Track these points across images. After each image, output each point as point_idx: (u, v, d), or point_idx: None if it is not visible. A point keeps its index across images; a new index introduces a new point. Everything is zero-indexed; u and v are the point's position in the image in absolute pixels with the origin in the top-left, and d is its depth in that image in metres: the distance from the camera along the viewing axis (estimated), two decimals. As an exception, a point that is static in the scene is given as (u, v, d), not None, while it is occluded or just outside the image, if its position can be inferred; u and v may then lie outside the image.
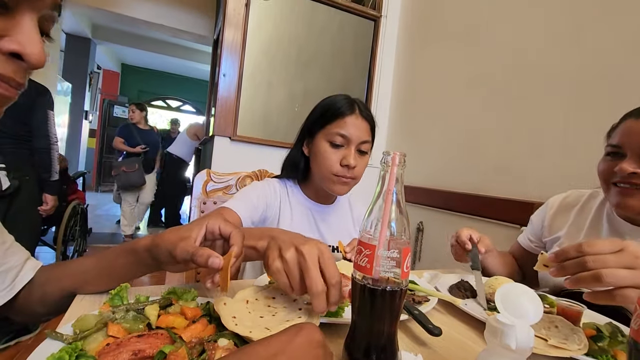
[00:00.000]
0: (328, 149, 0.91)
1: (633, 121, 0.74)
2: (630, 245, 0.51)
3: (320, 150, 0.92)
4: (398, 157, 0.44)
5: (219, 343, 0.41)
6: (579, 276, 0.51)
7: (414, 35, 2.26)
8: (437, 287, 0.75)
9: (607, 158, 0.79)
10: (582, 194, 0.94)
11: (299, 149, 0.99)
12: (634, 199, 0.72)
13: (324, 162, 0.91)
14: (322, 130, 0.93)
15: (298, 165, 1.00)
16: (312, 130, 0.95)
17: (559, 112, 1.33)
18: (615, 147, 0.76)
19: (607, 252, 0.51)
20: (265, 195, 0.95)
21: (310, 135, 0.96)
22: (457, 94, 1.83)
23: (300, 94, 2.18)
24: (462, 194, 1.71)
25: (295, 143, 1.01)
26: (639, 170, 0.70)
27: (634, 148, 0.72)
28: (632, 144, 0.72)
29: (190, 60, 6.84)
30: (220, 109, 1.99)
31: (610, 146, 0.78)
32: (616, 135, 0.77)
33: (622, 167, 0.71)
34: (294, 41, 2.15)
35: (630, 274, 0.49)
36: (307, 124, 0.98)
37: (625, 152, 0.73)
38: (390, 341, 0.45)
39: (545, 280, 0.88)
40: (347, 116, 0.90)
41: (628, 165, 0.71)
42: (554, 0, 1.39)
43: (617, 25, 1.17)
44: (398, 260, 0.43)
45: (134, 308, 0.47)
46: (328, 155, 0.90)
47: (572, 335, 0.53)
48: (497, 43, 1.63)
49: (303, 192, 1.02)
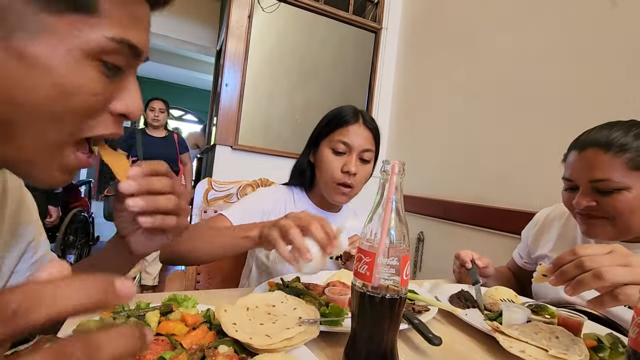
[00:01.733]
0: (330, 156, 0.93)
1: (577, 154, 0.76)
2: (618, 247, 0.54)
3: (323, 157, 0.94)
4: (397, 165, 0.45)
5: (219, 350, 0.42)
6: (580, 279, 0.52)
7: (414, 46, 2.29)
8: (438, 296, 0.75)
9: (565, 191, 0.81)
10: (563, 213, 0.95)
11: (306, 157, 1.02)
12: (598, 228, 0.75)
13: (326, 169, 0.93)
14: (326, 138, 0.95)
15: (304, 173, 1.02)
16: (317, 139, 0.98)
17: (558, 121, 1.34)
18: (568, 180, 0.79)
19: (600, 253, 0.53)
20: (262, 201, 0.97)
21: (316, 144, 0.99)
22: (457, 105, 1.85)
23: (301, 104, 2.20)
24: (462, 204, 1.71)
25: (303, 151, 1.04)
26: (592, 203, 0.73)
27: (583, 182, 0.74)
28: (581, 178, 0.75)
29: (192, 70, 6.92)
30: (222, 118, 2.01)
31: (564, 179, 0.81)
32: (567, 168, 0.80)
33: (578, 201, 0.75)
34: (295, 52, 2.18)
35: (627, 271, 0.50)
36: (314, 132, 1.01)
37: (578, 185, 0.76)
38: (390, 350, 0.45)
39: (543, 295, 0.88)
40: (350, 125, 0.93)
41: (582, 199, 0.74)
42: (553, 12, 1.42)
43: (617, 37, 1.19)
44: (397, 268, 0.43)
45: (135, 314, 0.47)
46: (330, 162, 0.92)
47: (573, 345, 0.53)
48: (496, 54, 1.65)
49: (309, 199, 1.03)
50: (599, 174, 0.71)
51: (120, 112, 0.38)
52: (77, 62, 0.33)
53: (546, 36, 1.43)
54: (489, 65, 1.68)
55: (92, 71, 0.34)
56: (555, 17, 1.40)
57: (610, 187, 0.70)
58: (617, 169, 0.69)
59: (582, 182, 0.75)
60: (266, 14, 2.06)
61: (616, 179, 0.69)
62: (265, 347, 0.43)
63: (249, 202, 0.97)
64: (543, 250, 0.94)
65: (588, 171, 0.73)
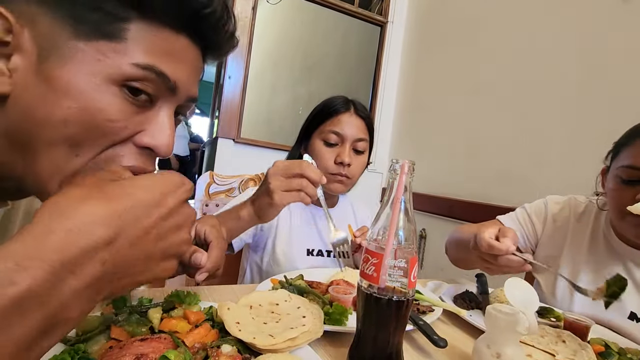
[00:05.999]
0: (323, 148, 0.90)
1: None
2: None
3: (315, 150, 0.91)
4: (407, 165, 0.44)
5: (222, 349, 0.41)
6: None
7: (420, 41, 2.26)
8: (442, 297, 0.74)
9: (621, 185, 0.70)
10: (579, 206, 0.89)
11: (297, 151, 0.99)
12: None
13: (319, 162, 0.89)
14: (317, 130, 0.92)
15: None
16: (308, 131, 0.95)
17: (563, 120, 1.33)
18: (632, 169, 0.67)
19: None
20: None
21: (307, 137, 0.95)
22: (461, 102, 1.83)
23: (304, 97, 2.18)
24: (465, 202, 1.70)
25: (293, 145, 1.01)
26: None
27: None
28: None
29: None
30: (225, 111, 1.99)
31: (624, 168, 0.69)
32: (629, 155, 0.69)
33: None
34: (299, 45, 2.15)
35: None
36: (304, 125, 0.98)
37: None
38: (395, 352, 0.44)
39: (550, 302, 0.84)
40: (341, 114, 0.89)
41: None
42: (558, 10, 1.39)
43: (622, 35, 1.16)
44: (405, 270, 0.42)
45: (137, 311, 0.47)
46: (322, 154, 0.89)
47: (580, 350, 0.52)
48: (502, 51, 1.63)
49: None
50: None
51: (144, 144, 0.37)
52: (98, 86, 0.33)
53: (552, 35, 1.40)
54: (496, 62, 1.65)
55: (112, 96, 0.33)
56: (565, 12, 1.38)
57: None
58: None
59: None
60: (270, 5, 2.03)
61: None
62: (268, 347, 0.42)
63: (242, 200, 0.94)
64: (552, 251, 0.88)
65: None
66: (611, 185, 0.74)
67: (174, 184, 0.32)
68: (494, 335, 0.44)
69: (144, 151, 0.37)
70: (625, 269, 0.77)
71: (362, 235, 0.81)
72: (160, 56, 0.35)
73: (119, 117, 0.34)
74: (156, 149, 0.37)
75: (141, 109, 0.36)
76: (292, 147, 1.02)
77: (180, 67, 0.37)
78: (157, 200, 0.30)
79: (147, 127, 0.37)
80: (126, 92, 0.34)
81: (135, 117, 0.35)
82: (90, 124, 0.33)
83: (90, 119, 0.33)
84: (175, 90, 0.37)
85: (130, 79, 0.34)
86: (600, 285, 0.61)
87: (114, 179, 0.31)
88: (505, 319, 0.43)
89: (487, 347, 0.44)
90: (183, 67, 0.37)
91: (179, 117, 0.44)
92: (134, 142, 0.36)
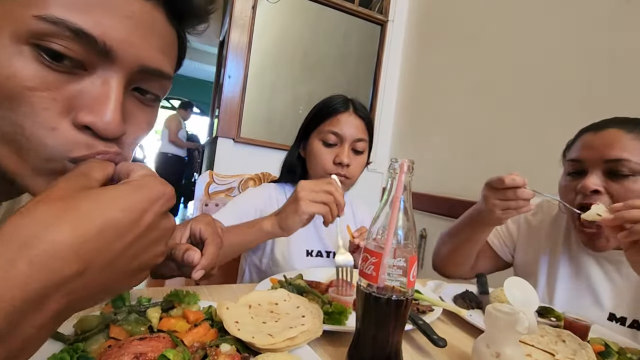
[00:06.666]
0: (321, 149, 0.89)
1: (592, 135, 0.71)
2: None
3: (313, 151, 0.90)
4: (406, 164, 0.44)
5: (221, 348, 0.41)
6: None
7: (421, 40, 2.26)
8: (442, 296, 0.74)
9: (567, 177, 0.75)
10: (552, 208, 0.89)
11: (295, 152, 0.98)
12: (601, 241, 0.70)
13: (317, 162, 0.89)
14: (315, 130, 0.91)
15: (295, 169, 0.98)
16: (307, 131, 0.94)
17: (565, 120, 1.32)
18: (575, 161, 0.72)
19: None
20: (254, 199, 0.94)
21: (305, 137, 0.94)
22: (462, 101, 1.83)
23: (305, 97, 2.18)
24: (466, 202, 1.69)
25: (292, 146, 1.00)
26: (600, 188, 0.67)
27: (594, 162, 0.68)
28: (593, 158, 0.68)
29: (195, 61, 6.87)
30: (225, 110, 1.99)
31: (570, 161, 0.74)
32: (575, 149, 0.73)
33: (585, 184, 0.68)
34: (299, 44, 2.15)
35: None
36: (302, 125, 0.97)
37: (586, 168, 0.70)
38: (395, 352, 0.44)
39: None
40: (340, 114, 0.88)
41: (590, 182, 0.67)
42: (560, 9, 1.39)
43: (624, 34, 1.16)
44: (404, 269, 0.42)
45: (136, 310, 0.47)
46: (321, 155, 0.88)
47: (580, 350, 0.52)
48: (503, 49, 1.62)
49: None
50: (617, 152, 0.65)
51: (83, 122, 0.30)
52: (5, 46, 0.27)
53: (553, 33, 1.40)
54: (497, 62, 1.65)
55: (24, 58, 0.28)
56: (566, 11, 1.37)
57: (626, 170, 0.64)
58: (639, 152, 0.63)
59: (594, 163, 0.68)
60: (270, 4, 2.03)
61: (635, 160, 0.63)
62: (267, 346, 0.42)
63: (241, 202, 0.93)
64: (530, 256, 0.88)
65: (604, 149, 0.66)
66: (561, 181, 0.77)
67: (152, 197, 0.28)
68: (494, 334, 0.44)
69: (84, 132, 0.31)
70: (602, 269, 0.76)
71: (360, 236, 0.81)
72: (79, 8, 0.28)
73: (38, 84, 0.28)
74: (94, 126, 0.30)
75: (72, 78, 0.30)
76: (290, 146, 1.01)
77: (116, 24, 0.30)
78: (133, 220, 0.26)
79: (85, 102, 0.30)
80: (42, 55, 0.28)
81: (66, 88, 0.29)
82: (3, 92, 0.28)
83: (4, 83, 0.27)
84: (109, 55, 0.30)
85: (38, 36, 0.27)
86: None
87: (85, 186, 0.27)
88: (505, 319, 0.43)
89: (486, 346, 0.44)
90: (120, 25, 0.30)
91: (148, 95, 0.36)
92: (73, 122, 0.30)
